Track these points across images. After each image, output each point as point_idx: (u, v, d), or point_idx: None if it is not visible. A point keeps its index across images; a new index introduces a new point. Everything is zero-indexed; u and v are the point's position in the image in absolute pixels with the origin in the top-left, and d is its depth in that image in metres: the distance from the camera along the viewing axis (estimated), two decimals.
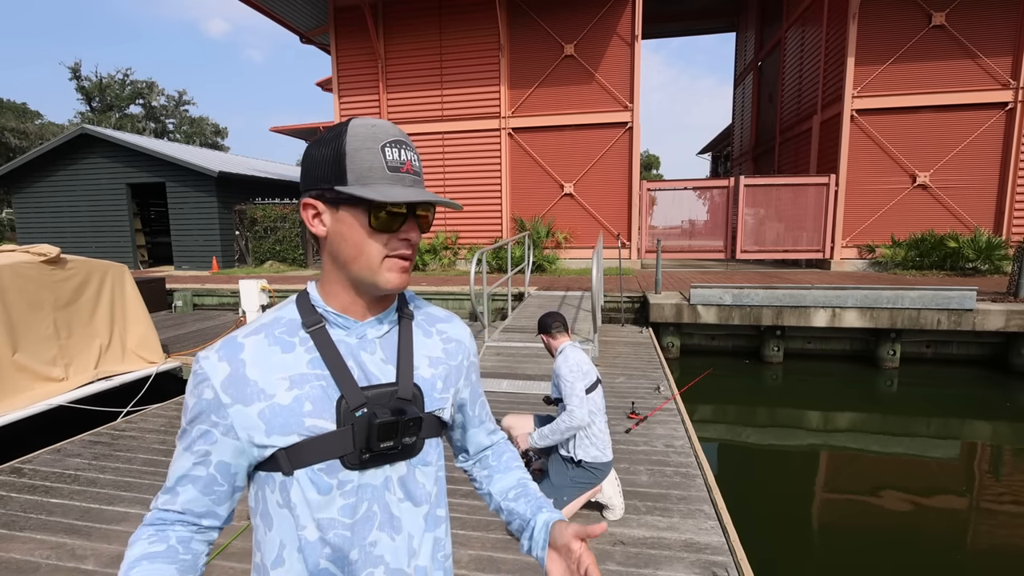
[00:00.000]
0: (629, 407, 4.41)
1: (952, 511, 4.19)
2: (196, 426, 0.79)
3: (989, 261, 10.57)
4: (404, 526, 0.85)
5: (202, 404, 0.78)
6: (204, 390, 0.78)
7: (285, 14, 13.28)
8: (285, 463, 0.78)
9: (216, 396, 0.77)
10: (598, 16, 12.01)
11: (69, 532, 2.77)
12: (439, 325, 0.96)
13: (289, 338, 0.82)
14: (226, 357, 0.79)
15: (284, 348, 0.81)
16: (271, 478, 0.80)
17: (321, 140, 0.80)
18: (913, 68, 11.06)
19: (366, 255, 0.79)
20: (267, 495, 0.81)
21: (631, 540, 2.62)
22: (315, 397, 0.79)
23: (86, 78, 38.74)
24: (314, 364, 0.81)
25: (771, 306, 7.43)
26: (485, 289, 6.42)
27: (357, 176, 0.77)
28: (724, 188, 12.22)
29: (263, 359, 0.79)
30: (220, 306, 10.62)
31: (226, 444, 0.78)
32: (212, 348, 0.81)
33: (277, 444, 0.77)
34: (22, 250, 4.81)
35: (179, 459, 0.80)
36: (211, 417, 0.78)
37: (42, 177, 15.82)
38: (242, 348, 0.80)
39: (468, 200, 13.20)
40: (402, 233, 0.80)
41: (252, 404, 0.77)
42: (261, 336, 0.81)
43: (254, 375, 0.78)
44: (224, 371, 0.78)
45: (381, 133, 0.78)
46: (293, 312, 0.85)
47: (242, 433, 0.78)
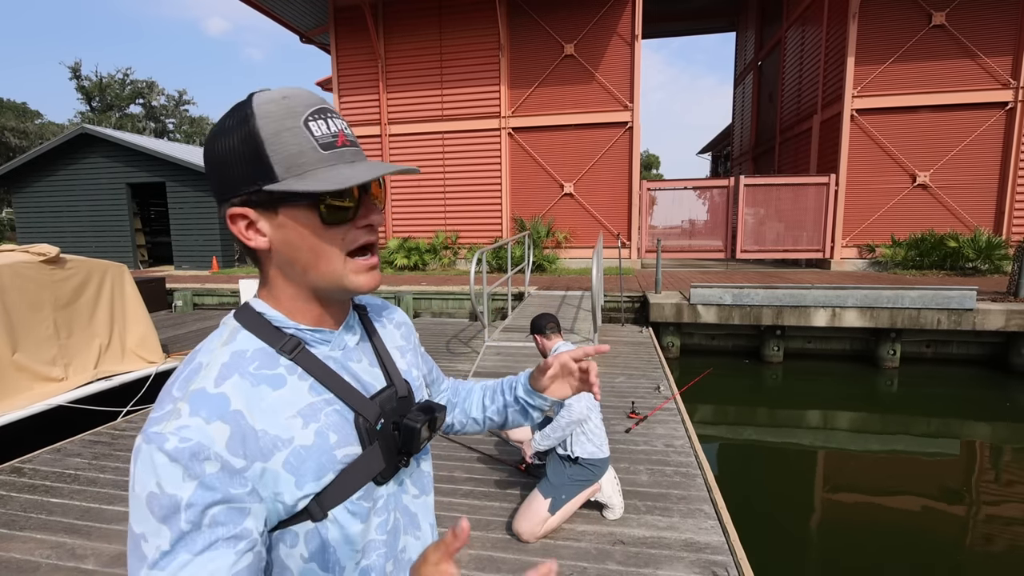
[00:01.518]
0: (629, 407, 4.41)
1: (952, 511, 4.19)
2: (211, 512, 0.58)
3: (989, 261, 10.57)
4: (421, 521, 0.84)
5: (210, 482, 0.58)
6: (205, 466, 0.58)
7: (285, 14, 13.28)
8: (316, 509, 0.66)
9: (225, 464, 0.59)
10: (598, 16, 12.00)
11: (69, 532, 2.77)
12: (385, 314, 0.91)
13: (271, 371, 0.67)
14: (216, 416, 0.61)
15: (273, 384, 0.66)
16: (289, 533, 0.66)
17: (222, 130, 0.65)
18: (913, 68, 11.05)
19: (326, 258, 0.67)
20: (283, 553, 0.67)
21: (631, 540, 2.62)
22: (336, 425, 0.69)
23: (86, 78, 38.74)
24: (315, 390, 0.69)
25: (771, 306, 7.43)
26: (485, 289, 6.41)
27: (287, 166, 0.63)
28: (724, 188, 12.22)
29: (258, 404, 0.64)
30: (220, 306, 10.62)
31: (259, 511, 0.62)
32: (177, 416, 0.60)
33: (311, 492, 0.65)
34: (22, 250, 4.81)
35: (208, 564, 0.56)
36: (229, 491, 0.59)
37: (42, 177, 15.82)
38: (227, 399, 0.63)
39: (468, 200, 13.20)
40: (360, 220, 0.68)
41: (273, 457, 0.63)
42: (236, 378, 0.64)
43: (260, 424, 0.63)
44: (223, 432, 0.60)
45: (297, 104, 0.64)
46: (252, 341, 0.68)
47: (265, 493, 0.63)
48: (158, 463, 0.57)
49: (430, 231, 13.46)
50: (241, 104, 0.65)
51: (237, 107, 0.65)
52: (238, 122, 0.64)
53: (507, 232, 13.11)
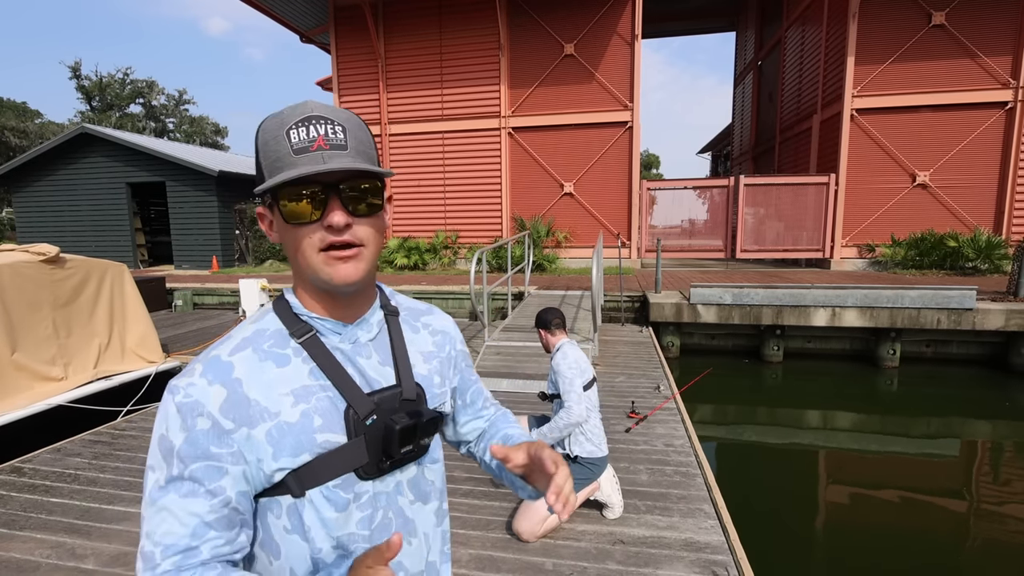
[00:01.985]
0: (629, 406, 4.41)
1: (952, 510, 4.19)
2: (195, 464, 0.67)
3: (989, 260, 10.57)
4: (419, 527, 0.84)
5: (197, 437, 0.68)
6: (197, 420, 0.68)
7: (285, 13, 13.27)
8: (295, 485, 0.72)
9: (215, 423, 0.68)
10: (598, 16, 12.00)
11: (69, 531, 2.77)
12: (423, 318, 0.93)
13: (280, 351, 0.74)
14: (217, 380, 0.70)
15: (278, 362, 0.73)
16: (275, 503, 0.73)
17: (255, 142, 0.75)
18: (913, 67, 11.05)
19: (301, 251, 0.72)
20: (270, 522, 0.74)
21: (631, 539, 2.62)
22: (323, 410, 0.73)
23: (86, 77, 38.72)
24: (314, 375, 0.74)
25: (771, 305, 7.43)
26: (485, 288, 6.41)
27: (269, 171, 0.70)
28: (724, 187, 12.22)
29: (259, 376, 0.72)
30: (220, 305, 10.62)
31: (238, 472, 0.69)
32: (192, 373, 0.70)
33: (286, 467, 0.71)
34: (21, 249, 4.81)
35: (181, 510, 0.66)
36: (211, 449, 0.68)
37: (42, 176, 15.81)
38: (231, 367, 0.71)
39: (468, 199, 13.20)
40: (324, 219, 0.70)
41: (258, 425, 0.70)
42: (248, 351, 0.73)
43: (254, 394, 0.71)
44: (219, 394, 0.69)
45: (289, 116, 0.70)
46: (275, 322, 0.77)
47: (250, 457, 0.70)
48: (169, 411, 0.69)
49: (430, 231, 13.46)
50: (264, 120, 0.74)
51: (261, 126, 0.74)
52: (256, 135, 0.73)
53: (507, 232, 13.11)
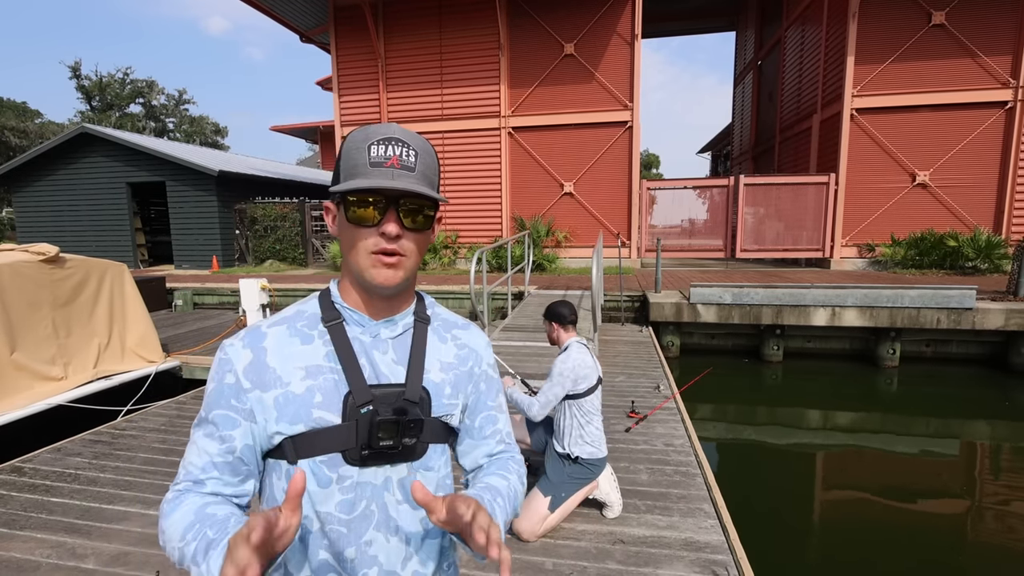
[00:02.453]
0: (629, 406, 4.41)
1: (952, 510, 4.19)
2: (217, 410, 0.80)
3: (989, 260, 10.57)
4: (401, 528, 0.85)
5: (223, 388, 0.81)
6: (226, 375, 0.81)
7: (285, 13, 13.27)
8: (291, 452, 0.80)
9: (238, 381, 0.80)
10: (598, 15, 12.00)
11: (69, 531, 2.77)
12: (455, 331, 0.96)
13: (309, 331, 0.85)
14: (249, 344, 0.82)
15: (303, 340, 0.84)
16: (278, 465, 0.83)
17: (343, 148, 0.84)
18: (913, 67, 11.05)
19: (355, 250, 0.81)
20: (274, 481, 0.84)
21: (631, 539, 2.62)
22: (326, 389, 0.81)
23: (86, 77, 38.71)
24: (329, 358, 0.83)
25: (771, 305, 7.43)
26: (485, 288, 6.41)
27: (345, 175, 0.79)
28: (724, 187, 12.21)
29: (283, 348, 0.83)
30: (220, 305, 10.62)
31: (247, 428, 0.81)
32: (238, 336, 0.84)
33: (284, 432, 0.80)
34: (21, 249, 4.81)
35: (201, 447, 0.80)
36: (231, 401, 0.80)
37: (42, 176, 15.80)
38: (264, 337, 0.83)
39: (468, 199, 13.19)
40: (380, 227, 0.80)
41: (269, 390, 0.80)
42: (283, 327, 0.85)
43: (273, 363, 0.81)
44: (247, 357, 0.81)
45: (373, 133, 0.80)
46: (315, 307, 0.88)
47: (259, 418, 0.80)
48: (215, 363, 0.83)
49: None
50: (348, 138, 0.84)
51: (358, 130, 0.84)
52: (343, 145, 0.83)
53: (507, 231, 13.11)
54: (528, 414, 2.78)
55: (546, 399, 2.75)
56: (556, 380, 2.73)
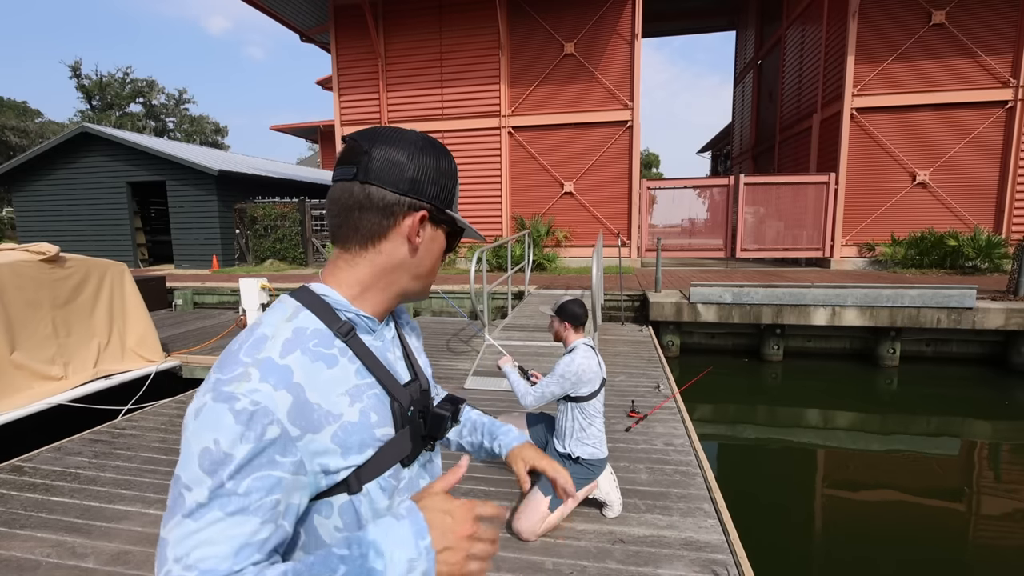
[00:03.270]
0: (629, 405, 4.42)
1: (952, 509, 4.19)
2: (252, 476, 0.63)
3: (989, 259, 10.57)
4: None
5: (263, 446, 0.64)
6: (267, 429, 0.64)
7: (285, 12, 13.27)
8: (354, 482, 0.73)
9: (284, 431, 0.65)
10: (598, 15, 11.99)
11: (69, 530, 2.77)
12: (403, 316, 1.00)
13: (327, 351, 0.74)
14: (281, 385, 0.67)
15: (328, 363, 0.73)
16: (325, 504, 0.73)
17: (437, 152, 0.82)
18: (913, 66, 11.05)
19: (434, 271, 0.86)
20: (316, 524, 0.73)
21: (631, 538, 2.62)
22: (376, 407, 0.77)
23: (86, 76, 38.73)
24: (361, 374, 0.77)
25: (771, 304, 7.43)
26: (485, 287, 6.41)
27: (447, 198, 0.83)
28: (724, 187, 12.21)
29: (315, 379, 0.71)
30: (220, 304, 10.61)
31: (295, 483, 0.67)
32: (249, 379, 0.65)
33: (354, 463, 0.73)
34: (21, 248, 4.81)
35: (234, 527, 0.61)
36: (276, 458, 0.65)
37: (42, 176, 15.80)
38: (291, 371, 0.69)
39: (468, 198, 13.19)
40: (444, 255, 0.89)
41: (323, 430, 0.69)
42: (298, 354, 0.71)
43: (315, 398, 0.70)
44: (286, 401, 0.66)
45: None
46: (314, 321, 0.76)
47: (311, 465, 0.69)
48: (223, 421, 0.63)
49: None
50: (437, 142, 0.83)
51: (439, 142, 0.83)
52: (447, 155, 0.83)
53: (507, 231, 13.11)
54: (521, 401, 2.82)
55: (542, 394, 2.75)
56: (557, 380, 2.72)
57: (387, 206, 0.77)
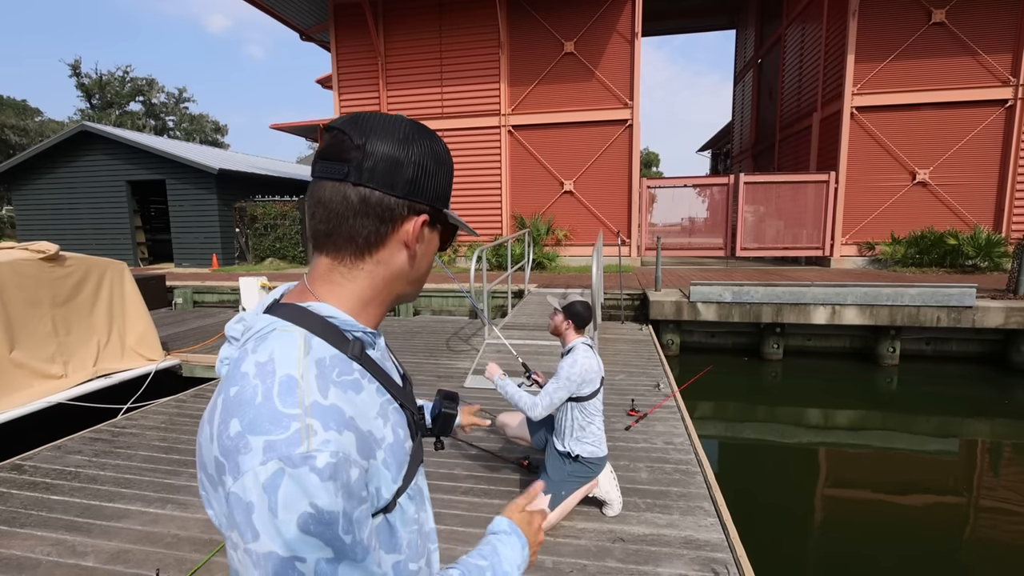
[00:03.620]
0: (629, 404, 4.42)
1: (951, 508, 4.20)
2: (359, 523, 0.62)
3: (989, 258, 10.57)
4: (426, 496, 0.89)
5: (352, 488, 0.62)
6: (351, 472, 0.61)
7: (285, 11, 13.25)
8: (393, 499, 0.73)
9: (360, 470, 0.64)
10: (598, 13, 11.98)
11: (70, 529, 2.77)
12: None
13: (350, 377, 0.71)
14: (343, 425, 0.64)
15: (355, 390, 0.70)
16: None
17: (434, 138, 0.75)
18: (913, 65, 11.04)
19: (426, 273, 0.82)
20: None
21: (631, 537, 2.62)
22: (399, 421, 0.76)
23: (86, 75, 38.69)
24: (380, 392, 0.75)
25: (771, 303, 7.43)
26: (485, 286, 6.42)
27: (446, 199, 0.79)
28: (724, 185, 12.21)
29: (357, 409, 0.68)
30: (220, 303, 10.61)
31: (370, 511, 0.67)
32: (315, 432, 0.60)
33: (399, 485, 0.72)
34: (21, 247, 4.81)
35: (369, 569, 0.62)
36: (362, 494, 0.64)
37: (42, 174, 15.80)
38: (340, 411, 0.65)
39: (468, 197, 13.19)
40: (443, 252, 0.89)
41: (376, 457, 0.68)
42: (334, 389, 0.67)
43: (365, 427, 0.68)
44: (352, 440, 0.64)
45: None
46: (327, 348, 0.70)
47: (372, 488, 0.67)
48: (310, 483, 0.58)
49: None
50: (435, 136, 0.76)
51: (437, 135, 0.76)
52: (445, 152, 0.76)
53: (507, 230, 13.11)
54: (530, 413, 2.74)
55: (550, 401, 2.71)
56: (563, 383, 2.70)
57: (385, 211, 0.70)
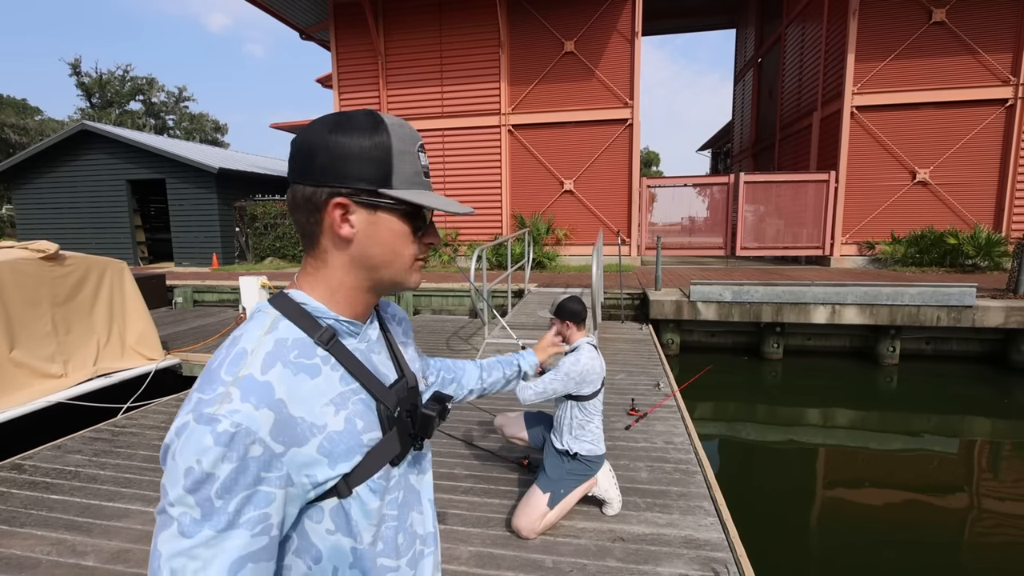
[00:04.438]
0: (629, 404, 4.42)
1: (951, 507, 4.20)
2: (242, 494, 0.64)
3: (989, 258, 10.57)
4: (422, 497, 0.92)
5: (248, 464, 0.64)
6: (250, 448, 0.64)
7: (285, 10, 13.24)
8: (343, 486, 0.74)
9: (267, 449, 0.66)
10: (598, 13, 11.97)
11: (70, 528, 2.77)
12: (389, 310, 1.00)
13: (308, 360, 0.73)
14: (263, 403, 0.67)
15: (310, 373, 0.73)
16: (316, 509, 0.73)
17: (352, 128, 0.73)
18: (913, 64, 11.03)
19: (401, 259, 0.78)
20: (307, 528, 0.74)
21: (631, 536, 2.63)
22: (361, 412, 0.77)
23: (86, 74, 38.64)
24: (345, 380, 0.76)
25: (771, 303, 7.43)
26: (485, 286, 6.41)
27: (403, 180, 0.75)
28: (724, 185, 12.21)
29: (297, 392, 0.70)
30: (220, 303, 10.61)
31: (283, 496, 0.68)
32: (230, 399, 0.65)
33: (342, 472, 0.73)
34: (21, 246, 4.81)
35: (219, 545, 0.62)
36: (261, 475, 0.65)
37: (42, 173, 15.80)
38: (272, 387, 0.68)
39: (468, 197, 13.18)
40: (427, 238, 0.82)
41: (307, 443, 0.70)
42: (280, 367, 0.70)
43: (298, 412, 0.69)
44: (269, 419, 0.66)
45: (413, 134, 0.77)
46: (292, 329, 0.74)
47: (298, 478, 0.69)
48: (204, 442, 0.62)
49: None
50: (371, 114, 0.74)
51: (367, 115, 0.74)
52: (371, 128, 0.73)
53: (507, 229, 13.11)
54: (520, 396, 2.71)
55: (543, 389, 2.70)
56: (562, 378, 2.69)
57: (307, 200, 0.74)
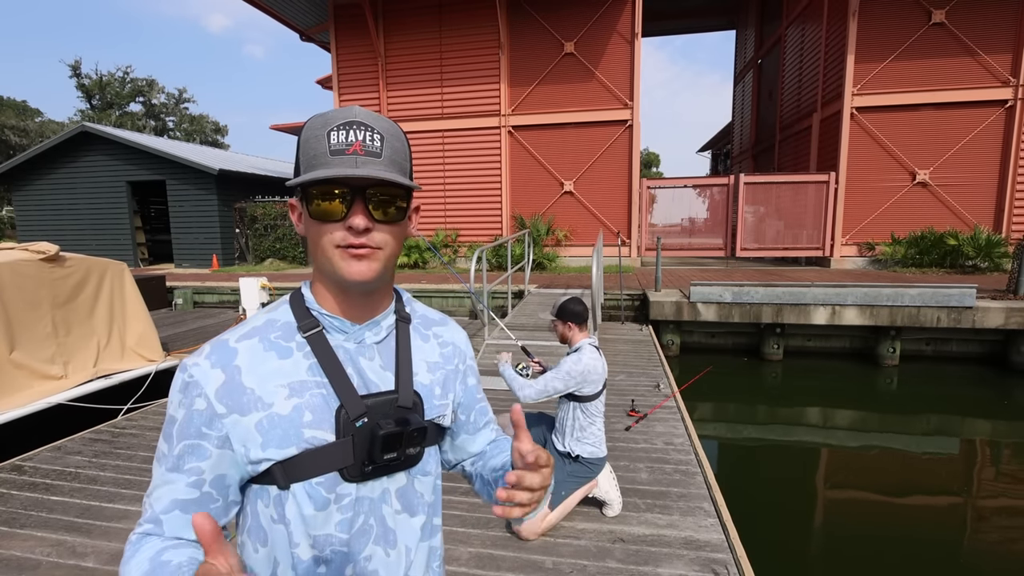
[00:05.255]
0: (629, 405, 4.42)
1: (951, 508, 4.19)
2: (184, 441, 0.71)
3: (989, 259, 10.56)
4: (399, 539, 0.82)
5: (193, 416, 0.71)
6: (195, 400, 0.71)
7: (285, 11, 13.25)
8: (281, 477, 0.73)
9: (210, 406, 0.71)
10: (598, 14, 11.98)
11: (69, 529, 2.77)
12: (435, 328, 0.93)
13: (285, 343, 0.76)
14: (219, 364, 0.72)
15: (281, 353, 0.75)
16: (265, 491, 0.75)
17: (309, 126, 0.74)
18: (913, 66, 11.03)
19: (321, 247, 0.73)
20: (259, 509, 0.76)
21: (631, 537, 2.62)
22: (315, 406, 0.74)
23: (86, 76, 38.65)
24: (313, 371, 0.75)
25: (771, 304, 7.43)
26: (485, 287, 6.41)
27: (305, 167, 0.72)
28: (724, 186, 12.21)
29: (259, 365, 0.74)
30: (220, 304, 10.62)
31: (222, 457, 0.72)
32: (201, 354, 0.73)
33: (273, 458, 0.72)
34: (21, 248, 4.81)
35: (164, 483, 0.71)
36: (202, 429, 0.71)
37: (42, 175, 15.81)
38: (235, 353, 0.74)
39: (468, 198, 13.19)
40: (346, 220, 0.71)
41: (249, 414, 0.72)
42: (255, 340, 0.75)
43: (250, 383, 0.73)
44: (218, 379, 0.72)
45: (333, 118, 0.72)
46: (287, 314, 0.79)
47: (238, 446, 0.72)
48: (175, 386, 0.73)
49: (430, 229, 13.46)
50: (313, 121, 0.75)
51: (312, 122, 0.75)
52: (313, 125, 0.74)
53: (507, 230, 13.11)
54: (519, 393, 2.74)
55: (543, 388, 2.71)
56: (563, 377, 2.69)
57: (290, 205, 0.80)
